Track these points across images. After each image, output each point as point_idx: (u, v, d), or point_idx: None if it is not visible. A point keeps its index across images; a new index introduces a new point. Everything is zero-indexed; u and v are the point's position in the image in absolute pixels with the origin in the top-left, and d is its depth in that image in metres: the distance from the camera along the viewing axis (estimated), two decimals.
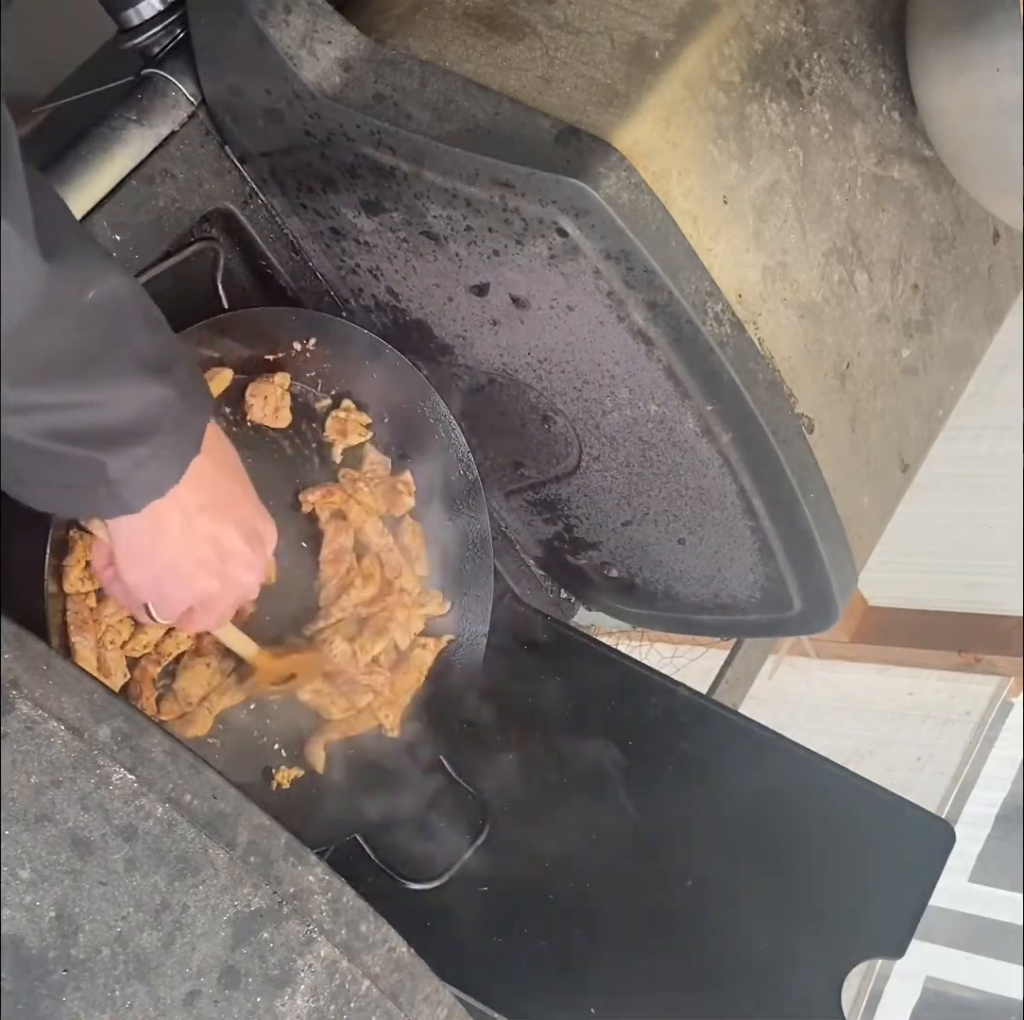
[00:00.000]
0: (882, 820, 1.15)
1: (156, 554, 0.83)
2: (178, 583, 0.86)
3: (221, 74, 1.04)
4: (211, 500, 0.83)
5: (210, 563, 0.86)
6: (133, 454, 0.74)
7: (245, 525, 0.87)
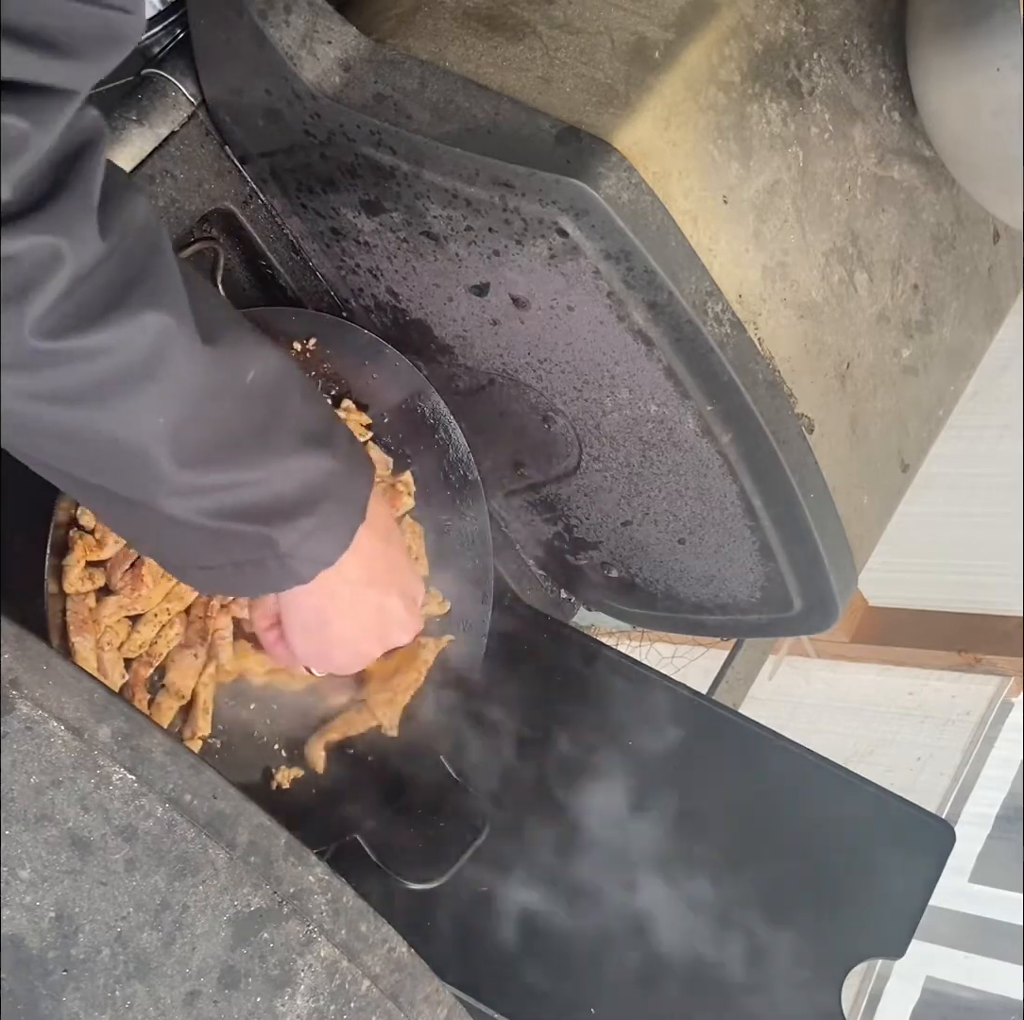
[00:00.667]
0: (882, 820, 1.15)
1: (326, 627, 0.86)
2: (343, 651, 0.89)
3: (221, 74, 1.04)
4: (377, 572, 0.85)
5: (373, 630, 0.89)
6: (300, 526, 0.75)
7: (406, 590, 0.90)
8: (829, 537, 1.09)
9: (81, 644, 0.98)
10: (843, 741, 2.09)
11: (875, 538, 1.20)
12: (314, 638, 0.88)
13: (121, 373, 0.65)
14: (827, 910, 1.11)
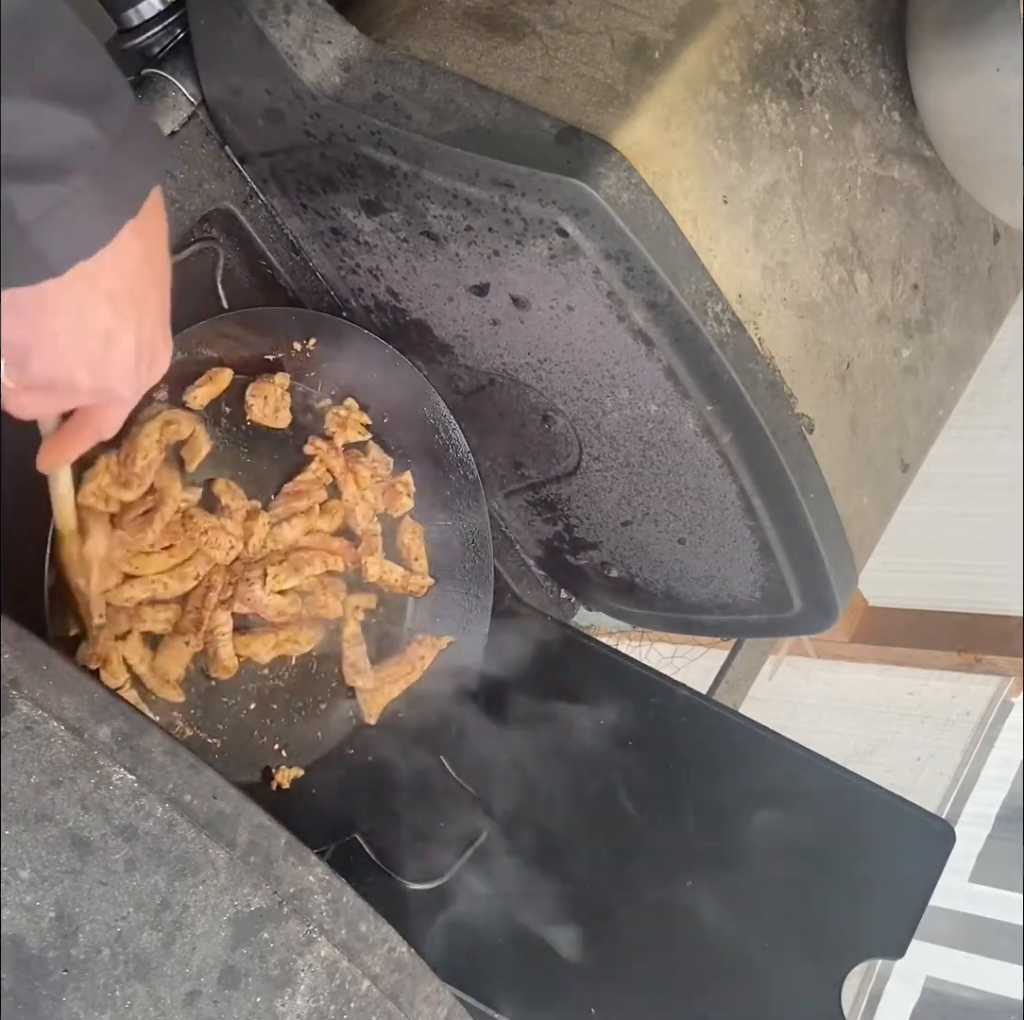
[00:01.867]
0: (882, 820, 1.15)
1: (39, 318, 0.71)
2: (47, 356, 0.73)
3: (221, 74, 1.04)
4: (124, 290, 0.72)
5: (91, 356, 0.74)
6: (43, 192, 0.64)
7: (145, 336, 0.76)
8: (829, 537, 1.09)
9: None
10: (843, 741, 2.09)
11: (875, 538, 1.20)
12: (21, 324, 0.72)
13: None
14: (827, 910, 1.11)
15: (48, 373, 0.74)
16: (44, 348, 0.73)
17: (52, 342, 0.72)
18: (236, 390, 1.11)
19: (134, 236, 0.70)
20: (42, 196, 0.64)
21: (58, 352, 0.73)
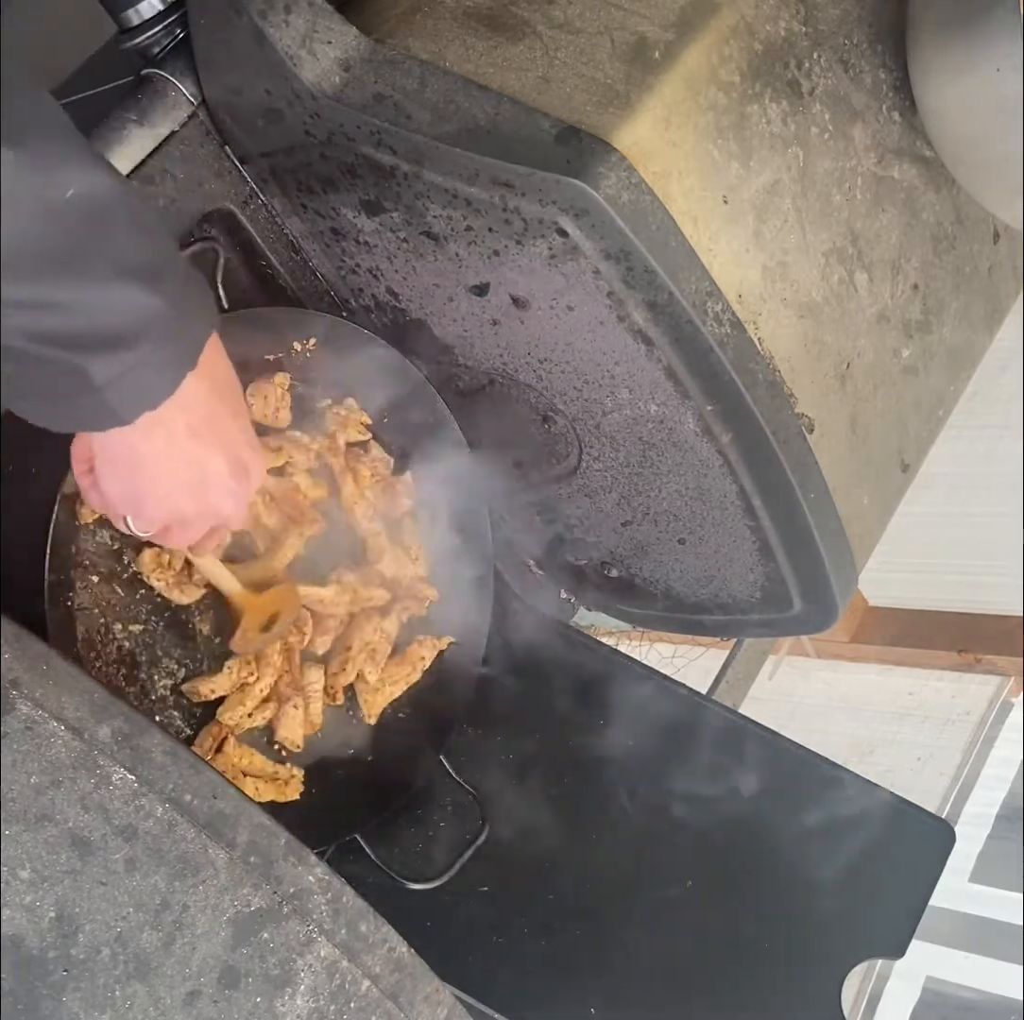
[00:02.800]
0: (882, 820, 1.15)
1: (136, 470, 0.81)
2: (155, 502, 0.84)
3: (221, 74, 1.04)
4: (200, 422, 0.80)
5: (190, 487, 0.84)
6: (118, 360, 0.72)
7: (232, 453, 0.84)
8: (829, 537, 1.09)
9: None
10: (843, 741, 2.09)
11: (875, 538, 1.20)
12: (123, 480, 0.83)
13: None
14: (827, 910, 1.11)
15: (159, 514, 0.85)
16: (147, 494, 0.83)
17: (152, 487, 0.82)
18: None
19: (199, 378, 0.77)
20: (115, 364, 0.72)
21: (160, 492, 0.83)
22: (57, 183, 0.68)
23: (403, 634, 1.20)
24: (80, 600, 1.03)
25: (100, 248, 0.71)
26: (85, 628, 1.02)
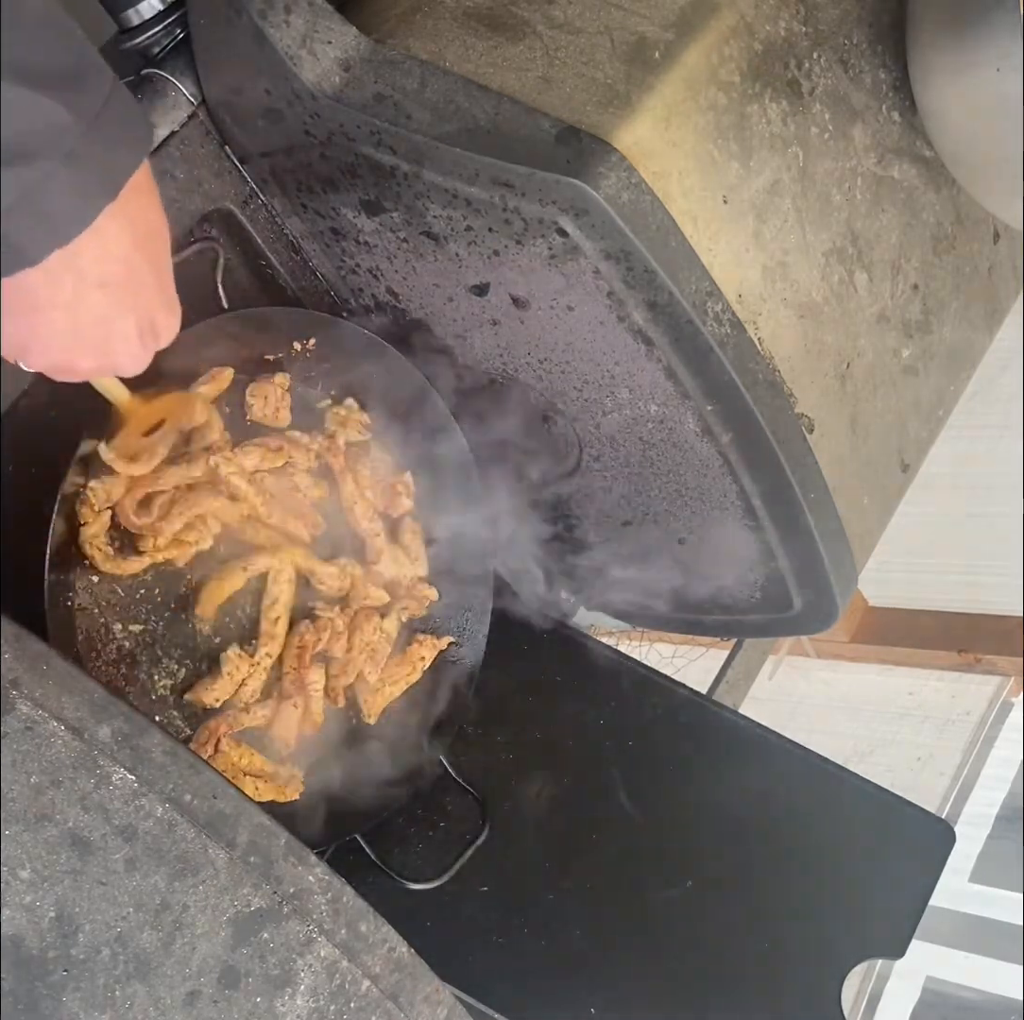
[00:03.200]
0: (882, 820, 1.15)
1: (34, 316, 0.71)
2: (46, 348, 0.74)
3: (221, 74, 1.04)
4: (115, 275, 0.71)
5: (91, 346, 0.75)
6: (12, 176, 0.63)
7: (144, 314, 0.76)
8: (829, 537, 1.09)
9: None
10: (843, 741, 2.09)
11: (875, 538, 1.20)
12: (19, 322, 0.72)
13: None
14: (827, 910, 1.11)
15: (47, 364, 0.75)
16: (41, 341, 0.73)
17: (48, 337, 0.72)
18: (236, 390, 1.11)
19: (119, 218, 0.68)
20: (11, 182, 0.63)
21: (54, 342, 0.73)
22: None
23: (403, 634, 1.20)
24: (80, 600, 1.03)
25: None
26: (85, 628, 1.03)
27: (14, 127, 0.62)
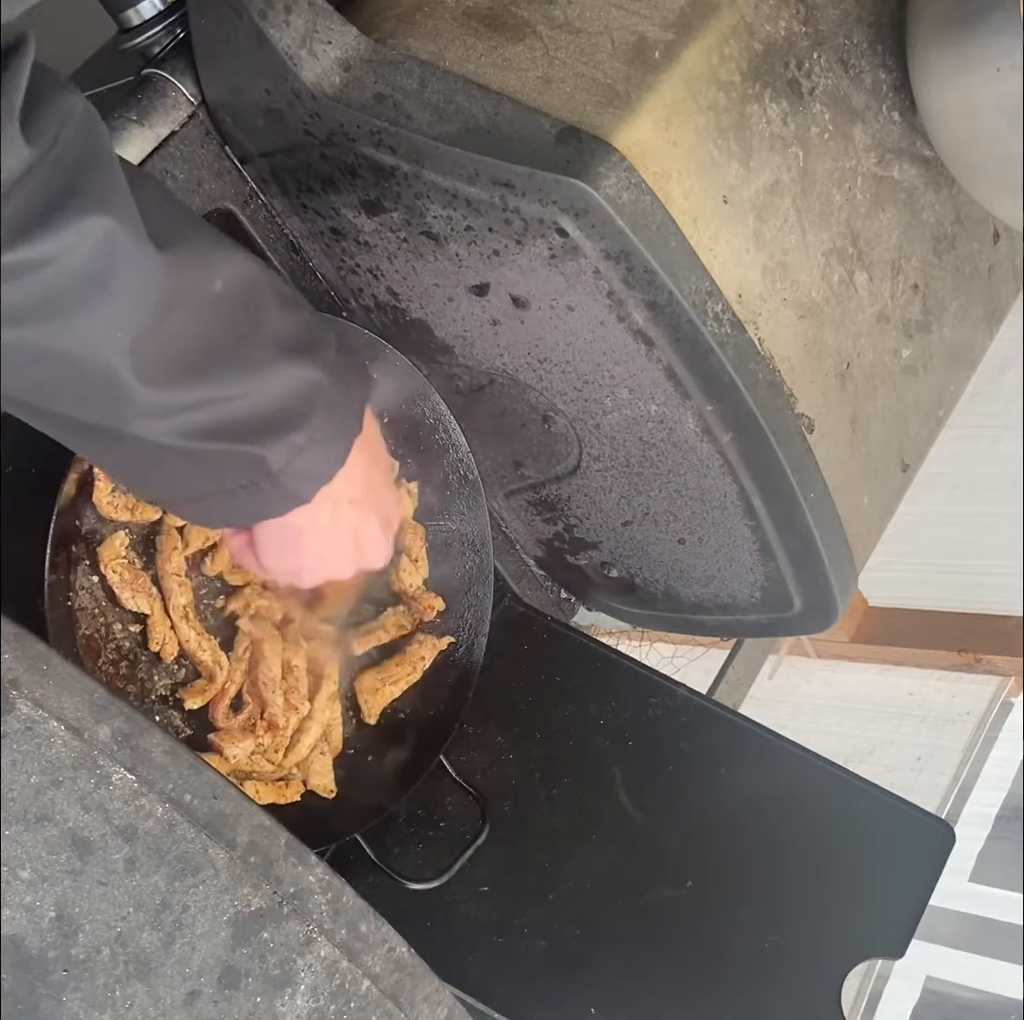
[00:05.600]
0: (882, 820, 1.15)
1: (300, 546, 0.80)
2: (314, 569, 0.84)
3: (221, 74, 1.04)
4: (360, 491, 0.80)
5: (348, 551, 0.84)
6: (290, 441, 0.71)
7: (383, 513, 0.85)
8: (829, 537, 1.09)
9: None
10: (843, 741, 2.08)
11: (875, 538, 1.20)
12: (287, 554, 0.82)
13: (66, 284, 0.60)
14: (827, 910, 1.11)
15: (317, 578, 0.86)
16: (309, 565, 0.83)
17: (314, 559, 0.82)
18: None
19: (359, 447, 0.77)
20: (287, 446, 0.71)
21: (321, 563, 0.83)
22: (205, 278, 0.67)
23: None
24: (80, 600, 1.03)
25: (256, 332, 0.70)
26: (85, 628, 1.03)
27: (285, 397, 0.71)
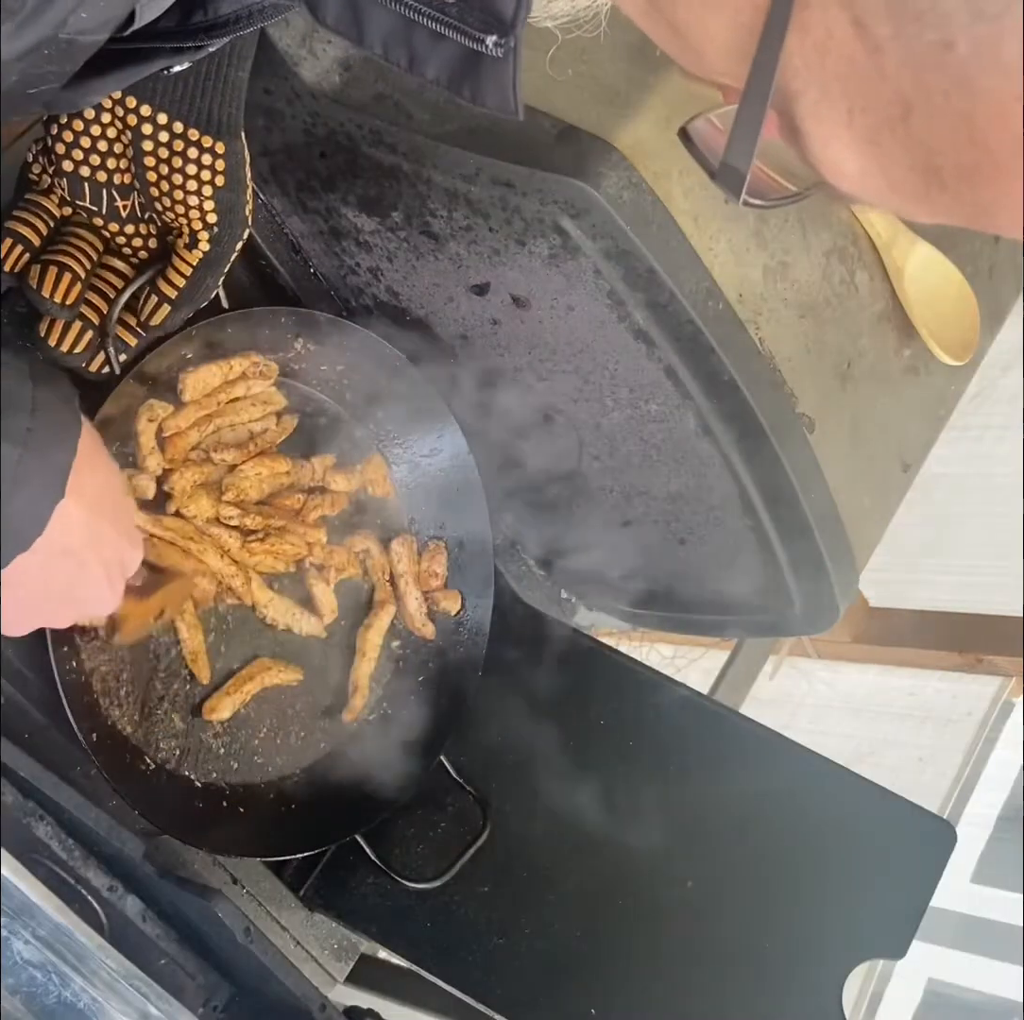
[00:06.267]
0: (883, 821, 1.15)
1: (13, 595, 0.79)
2: (32, 620, 0.84)
3: None
4: (76, 543, 0.79)
5: (66, 603, 0.84)
6: None
7: (111, 560, 0.84)
8: (829, 537, 1.09)
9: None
10: (844, 741, 2.08)
11: (875, 538, 1.20)
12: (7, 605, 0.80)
13: None
14: (827, 910, 1.11)
15: (36, 625, 0.85)
16: (24, 615, 0.82)
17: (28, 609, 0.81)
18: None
19: (71, 502, 0.74)
20: None
21: (31, 614, 0.83)
22: None
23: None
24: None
25: None
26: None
27: None
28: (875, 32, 0.42)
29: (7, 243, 0.92)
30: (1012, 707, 2.08)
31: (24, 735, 0.99)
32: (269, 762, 1.13)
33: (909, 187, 0.45)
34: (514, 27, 0.58)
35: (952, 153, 0.43)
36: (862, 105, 0.44)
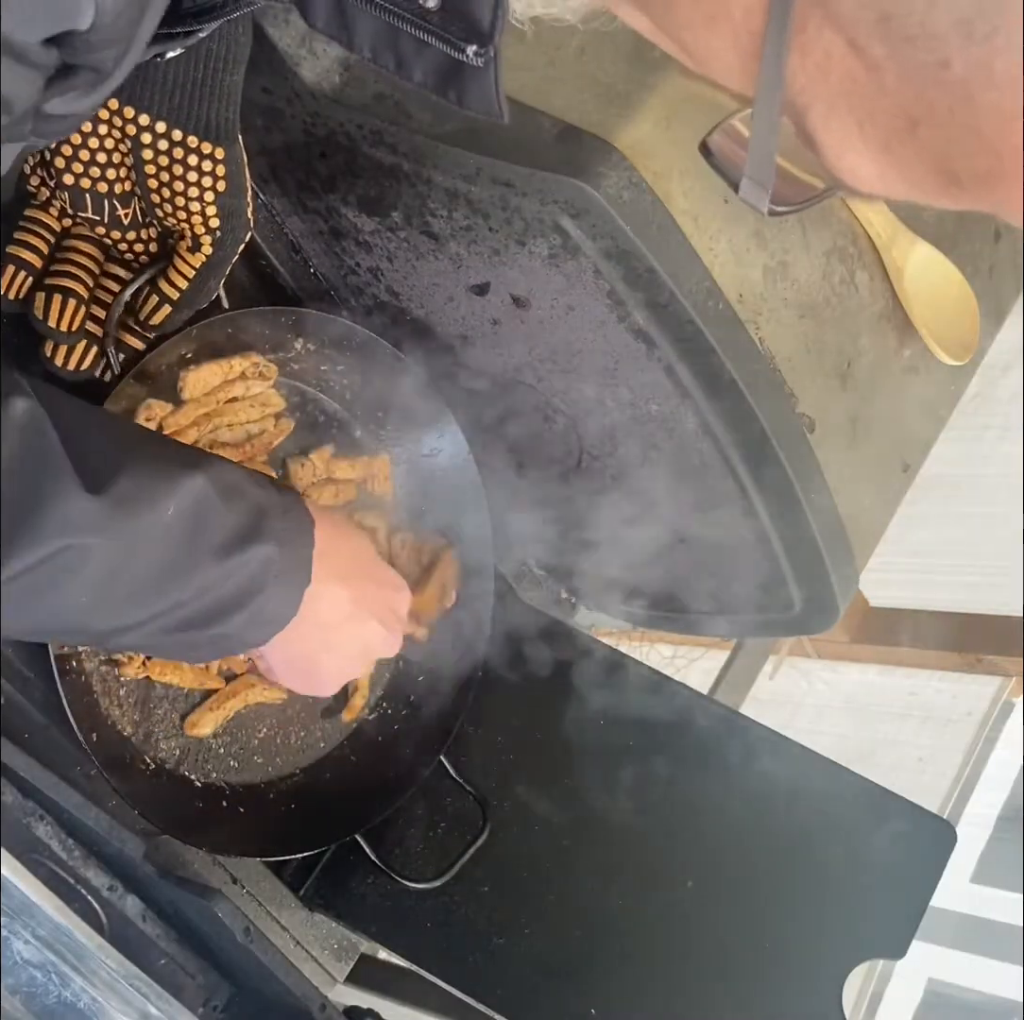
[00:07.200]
0: (883, 821, 1.15)
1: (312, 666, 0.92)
2: (331, 681, 0.96)
3: None
4: (349, 606, 0.90)
5: (357, 657, 0.96)
6: (248, 612, 0.80)
7: (383, 611, 0.94)
8: (829, 537, 1.09)
9: None
10: (844, 741, 2.08)
11: (875, 538, 1.20)
12: (302, 676, 0.94)
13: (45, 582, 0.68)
14: (827, 910, 1.11)
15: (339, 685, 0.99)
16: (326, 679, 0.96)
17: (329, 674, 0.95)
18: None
19: (317, 581, 0.84)
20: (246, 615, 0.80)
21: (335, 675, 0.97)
22: (156, 511, 0.72)
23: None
24: None
25: (208, 538, 0.76)
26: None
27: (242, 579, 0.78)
28: (871, 53, 0.43)
29: (9, 271, 0.93)
30: (1012, 707, 2.08)
31: (24, 735, 0.99)
32: (269, 762, 1.13)
33: (929, 186, 0.47)
34: (491, 37, 0.59)
35: (964, 160, 0.44)
36: (870, 119, 0.45)
